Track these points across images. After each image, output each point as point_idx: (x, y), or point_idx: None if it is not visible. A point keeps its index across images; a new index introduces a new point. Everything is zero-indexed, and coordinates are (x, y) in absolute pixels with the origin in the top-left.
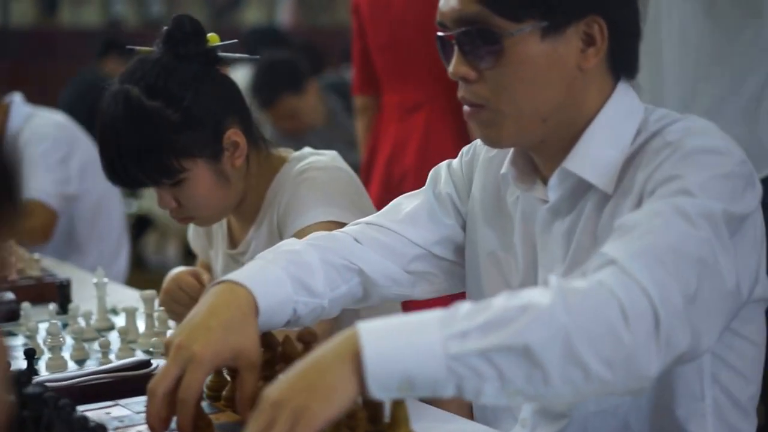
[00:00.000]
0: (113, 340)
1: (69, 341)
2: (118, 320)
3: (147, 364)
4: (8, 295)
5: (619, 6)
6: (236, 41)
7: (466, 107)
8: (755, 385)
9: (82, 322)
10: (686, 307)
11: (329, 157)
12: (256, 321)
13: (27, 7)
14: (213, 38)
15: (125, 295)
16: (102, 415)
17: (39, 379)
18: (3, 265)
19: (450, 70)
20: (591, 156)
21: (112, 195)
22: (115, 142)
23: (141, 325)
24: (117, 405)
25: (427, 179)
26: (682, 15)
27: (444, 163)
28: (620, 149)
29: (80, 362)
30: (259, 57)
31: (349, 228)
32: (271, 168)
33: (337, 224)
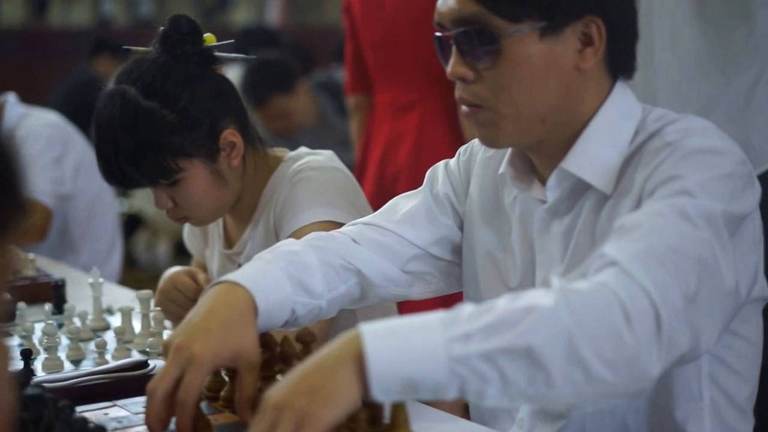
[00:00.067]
0: (109, 341)
1: (64, 341)
2: (114, 320)
3: (144, 364)
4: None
5: (618, 6)
6: (233, 41)
7: (464, 107)
8: (752, 385)
9: (78, 322)
10: (687, 308)
11: (326, 157)
12: (255, 321)
13: (17, 7)
14: (209, 38)
15: (120, 294)
16: (100, 415)
17: (36, 380)
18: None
19: (448, 70)
20: (589, 156)
21: (106, 194)
22: (111, 143)
23: (137, 325)
24: (115, 406)
25: (425, 179)
26: (673, 15)
27: (441, 163)
28: (619, 149)
29: (76, 362)
30: (255, 57)
31: (347, 228)
32: (267, 168)
33: (334, 224)
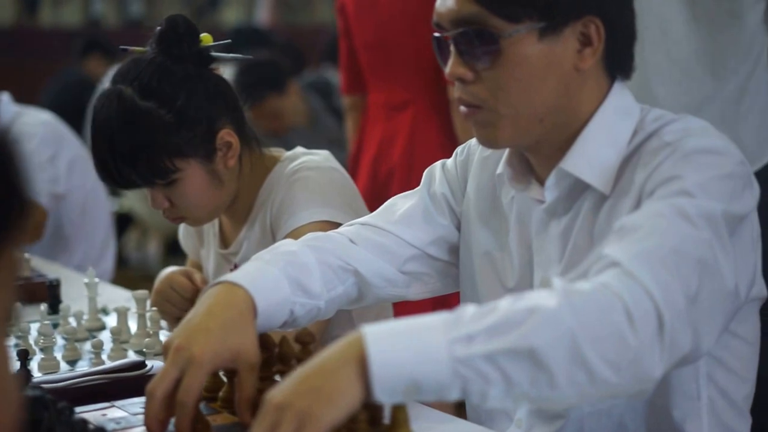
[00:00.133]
0: (105, 341)
1: (60, 342)
2: (109, 320)
3: (142, 365)
4: None
5: (616, 6)
6: (230, 41)
7: (462, 108)
8: (750, 385)
9: (74, 322)
10: (688, 309)
11: (322, 157)
12: (255, 322)
13: (7, 7)
14: (206, 38)
15: (114, 294)
16: (98, 416)
17: (33, 381)
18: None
19: (447, 70)
20: (588, 156)
21: (99, 193)
22: (108, 143)
23: (133, 326)
24: (113, 406)
25: (422, 179)
26: (664, 15)
27: (438, 163)
28: (617, 149)
29: (72, 363)
30: (252, 57)
31: (345, 229)
32: (264, 168)
33: (330, 224)
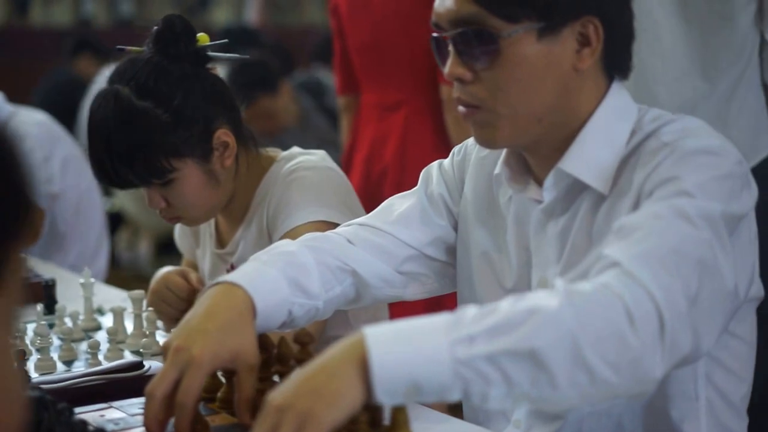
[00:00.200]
0: (101, 341)
1: (56, 342)
2: (104, 320)
3: (140, 365)
4: None
5: (615, 6)
6: (227, 41)
7: (461, 108)
8: (747, 385)
9: (69, 322)
10: (689, 309)
11: (319, 157)
12: (254, 323)
13: None
14: (203, 38)
15: (109, 294)
16: (96, 417)
17: (31, 382)
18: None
19: (445, 71)
20: (586, 157)
21: (93, 193)
22: (105, 142)
23: (129, 326)
24: (111, 407)
25: (419, 179)
26: (655, 16)
27: (435, 163)
28: (615, 149)
29: (69, 363)
30: (249, 57)
31: (342, 229)
32: (260, 168)
33: (327, 224)
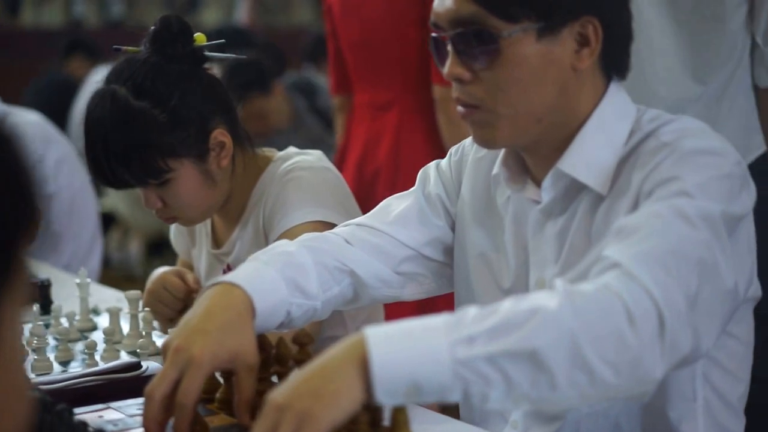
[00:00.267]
0: (97, 341)
1: (52, 342)
2: (100, 320)
3: (137, 366)
4: None
5: (614, 7)
6: (224, 41)
7: (460, 108)
8: (744, 385)
9: (65, 322)
10: (688, 309)
11: (315, 157)
12: (253, 323)
13: None
14: (200, 38)
15: (103, 294)
16: (95, 418)
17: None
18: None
19: (444, 71)
20: (585, 157)
21: (86, 193)
22: (101, 142)
23: (125, 326)
24: (109, 408)
25: (417, 180)
26: (646, 16)
27: (433, 164)
28: (614, 150)
29: (65, 364)
30: (245, 57)
31: (340, 229)
32: (256, 168)
33: (324, 224)
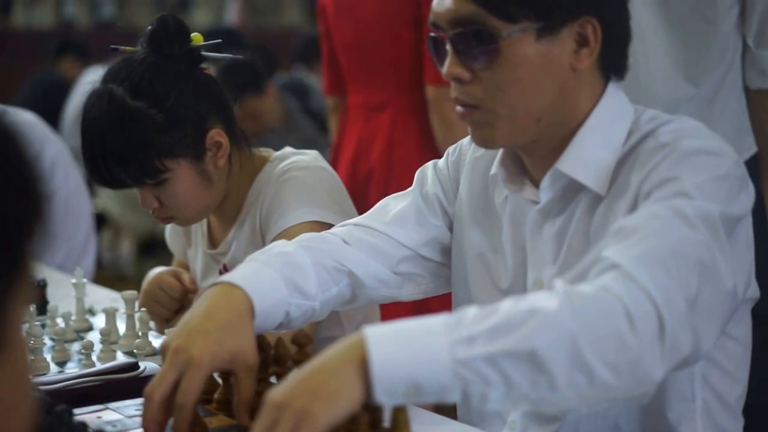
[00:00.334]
0: (94, 342)
1: (48, 343)
2: (96, 321)
3: (135, 366)
4: None
5: (613, 7)
6: (220, 41)
7: (459, 108)
8: (742, 386)
9: (62, 323)
10: (688, 311)
11: (312, 157)
12: (252, 323)
13: None
14: (197, 38)
15: (98, 294)
16: (93, 419)
17: None
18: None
19: (443, 70)
20: (584, 157)
21: (80, 193)
22: (98, 142)
23: (121, 326)
24: (107, 409)
25: (414, 180)
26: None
27: (430, 164)
28: (612, 150)
29: (61, 364)
30: (242, 57)
31: (338, 229)
32: (253, 168)
33: (321, 224)
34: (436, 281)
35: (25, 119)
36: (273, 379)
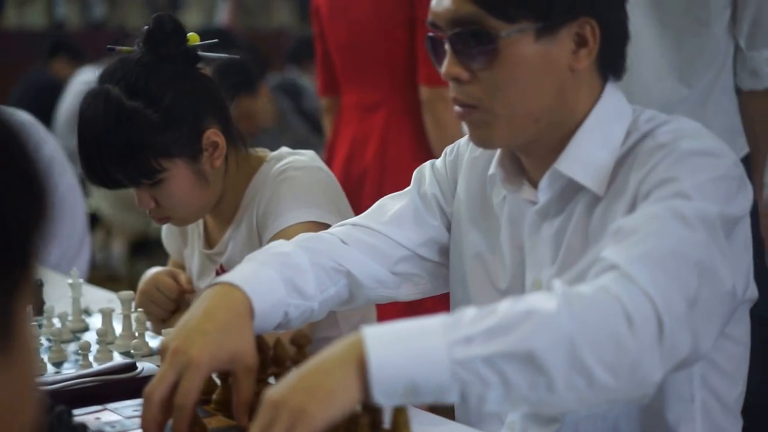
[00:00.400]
0: (90, 342)
1: (44, 343)
2: (92, 321)
3: (133, 367)
4: None
5: (611, 8)
6: (217, 41)
7: (457, 108)
8: (741, 386)
9: (58, 323)
10: (687, 312)
11: (308, 157)
12: (252, 324)
13: None
14: (193, 38)
15: (94, 294)
16: (91, 420)
17: None
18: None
19: (442, 70)
20: (582, 157)
21: (75, 194)
22: (95, 142)
23: (117, 327)
24: (105, 410)
25: (412, 180)
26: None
27: (428, 163)
28: (611, 150)
29: (58, 365)
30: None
31: (335, 229)
32: (250, 168)
33: (318, 224)
34: (434, 281)
35: (22, 119)
36: (272, 380)
